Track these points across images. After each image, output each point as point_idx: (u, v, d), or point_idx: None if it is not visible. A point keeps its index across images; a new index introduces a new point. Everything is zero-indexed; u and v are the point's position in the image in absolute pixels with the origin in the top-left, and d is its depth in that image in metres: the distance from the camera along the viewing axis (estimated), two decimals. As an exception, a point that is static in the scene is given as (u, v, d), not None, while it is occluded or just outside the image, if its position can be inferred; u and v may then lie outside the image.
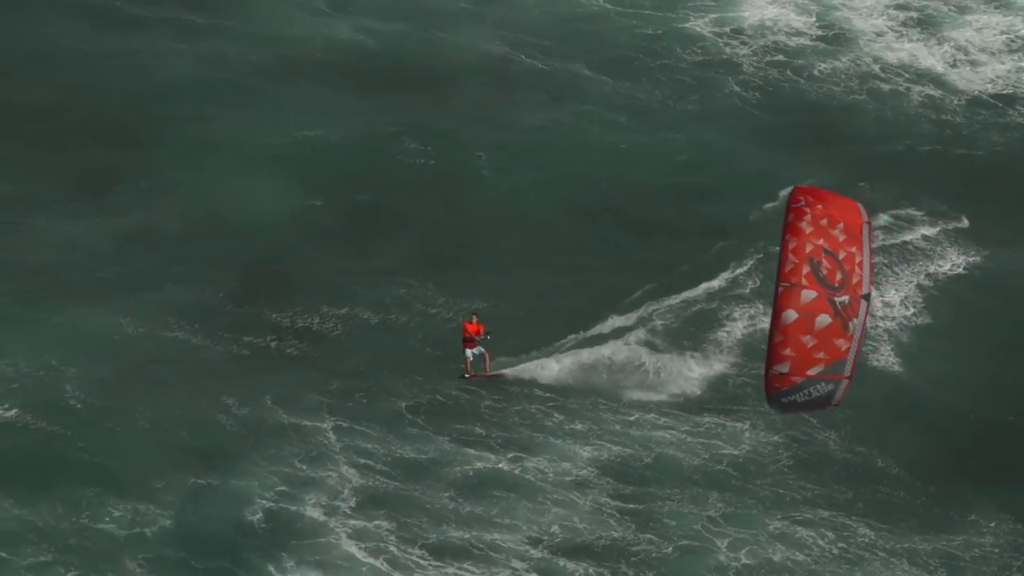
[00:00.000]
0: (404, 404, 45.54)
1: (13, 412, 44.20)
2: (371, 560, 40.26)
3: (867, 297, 32.61)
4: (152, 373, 46.21)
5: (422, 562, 40.45)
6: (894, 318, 49.92)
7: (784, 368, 32.22)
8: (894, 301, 50.39)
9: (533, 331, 47.73)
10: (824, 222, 32.80)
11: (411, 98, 58.96)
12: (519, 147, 56.82)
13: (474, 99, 59.40)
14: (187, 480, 42.44)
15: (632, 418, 45.48)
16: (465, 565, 40.59)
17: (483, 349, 46.09)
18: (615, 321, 48.85)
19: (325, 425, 44.59)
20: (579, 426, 45.20)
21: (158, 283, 49.56)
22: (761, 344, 42.76)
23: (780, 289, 32.31)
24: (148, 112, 56.69)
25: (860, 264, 32.75)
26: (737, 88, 61.11)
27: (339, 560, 39.96)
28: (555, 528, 41.96)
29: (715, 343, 48.19)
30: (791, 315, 32.18)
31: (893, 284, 51.28)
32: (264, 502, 41.93)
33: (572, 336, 48.31)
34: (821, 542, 42.21)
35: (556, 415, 45.63)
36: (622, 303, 49.78)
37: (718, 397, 46.50)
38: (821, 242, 32.58)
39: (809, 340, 32.22)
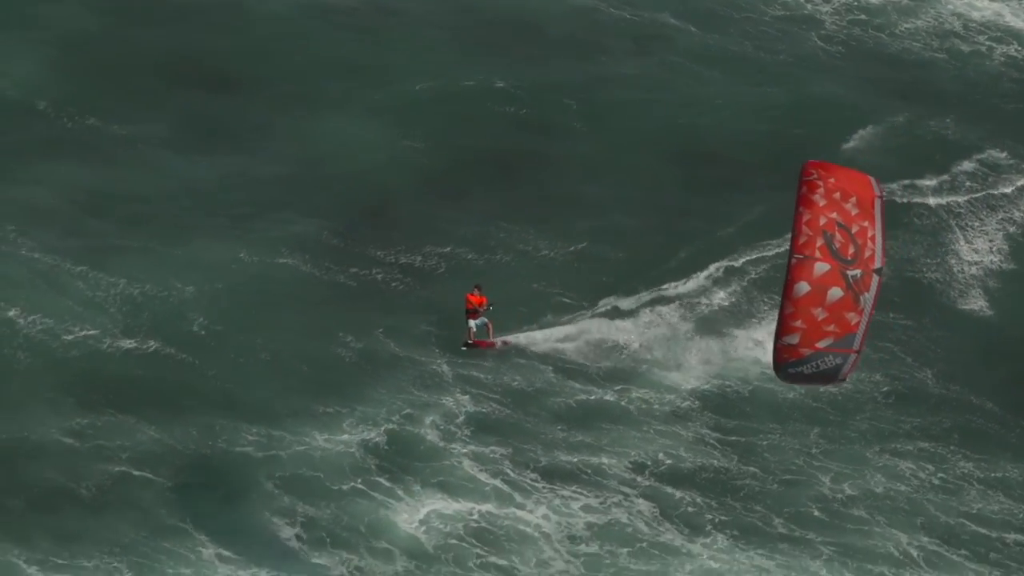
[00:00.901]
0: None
1: (144, 341, 45.93)
2: (492, 481, 41.88)
3: (879, 271, 32.62)
4: (269, 304, 47.89)
5: (536, 484, 42.03)
6: (982, 264, 51.27)
7: (794, 340, 32.32)
8: (982, 248, 51.73)
9: (639, 274, 49.25)
10: (837, 195, 32.82)
11: (503, 48, 60.23)
12: (609, 97, 58.10)
13: (564, 50, 60.61)
14: (312, 407, 44.13)
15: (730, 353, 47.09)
16: (576, 488, 42.15)
17: (486, 320, 46.20)
18: (711, 270, 50.23)
19: (435, 356, 46.23)
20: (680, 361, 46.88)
21: (268, 220, 51.01)
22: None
23: (793, 261, 32.31)
24: (254, 57, 58.05)
25: (873, 238, 32.77)
26: (820, 43, 62.17)
27: (462, 481, 41.64)
28: (660, 456, 43.48)
29: None
30: (803, 287, 32.22)
31: (980, 232, 52.62)
32: (387, 427, 43.66)
33: (672, 283, 49.86)
34: (921, 474, 43.69)
35: (655, 350, 47.22)
36: (717, 251, 51.24)
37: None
38: (834, 215, 32.62)
39: (820, 313, 32.28)
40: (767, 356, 46.19)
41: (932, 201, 53.11)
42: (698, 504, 42.13)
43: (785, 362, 32.45)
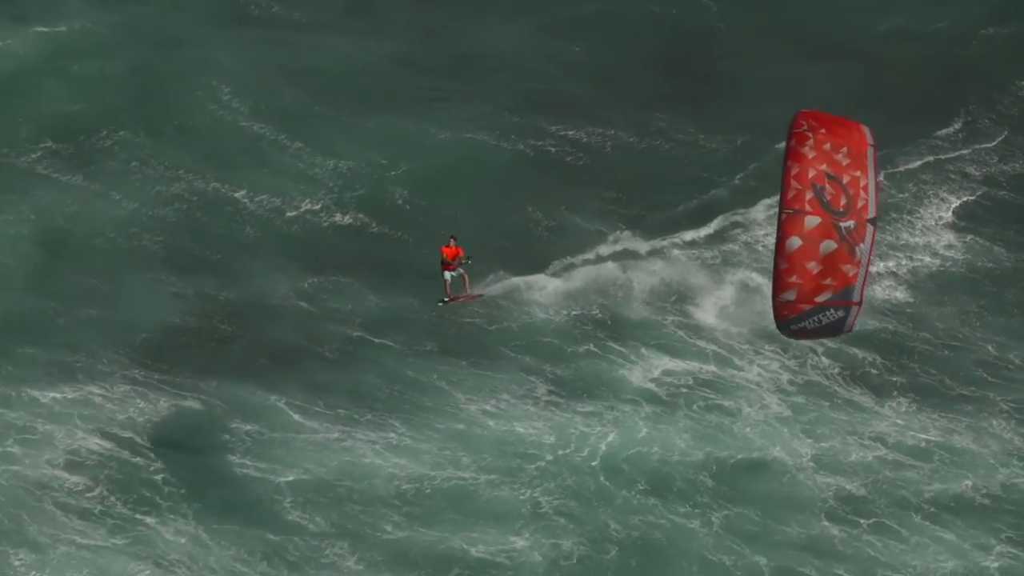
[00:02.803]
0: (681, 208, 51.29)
1: (356, 215, 49.90)
2: (708, 346, 45.71)
3: (873, 221, 32.17)
4: (462, 177, 51.70)
5: (744, 348, 46.22)
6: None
7: (791, 296, 31.95)
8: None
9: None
10: (827, 146, 32.24)
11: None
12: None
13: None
14: (520, 279, 47.93)
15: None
16: (775, 349, 45.95)
17: (462, 271, 46.52)
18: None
19: (621, 229, 50.06)
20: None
21: (447, 99, 54.68)
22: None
23: (783, 216, 31.87)
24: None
25: (865, 188, 32.19)
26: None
27: (682, 346, 45.91)
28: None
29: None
30: (795, 242, 31.83)
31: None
32: (599, 302, 47.18)
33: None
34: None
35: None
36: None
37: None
38: (824, 167, 32.03)
39: (815, 267, 31.89)
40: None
41: None
42: (879, 366, 46.01)
43: (786, 319, 32.21)
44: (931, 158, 53.56)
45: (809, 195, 31.85)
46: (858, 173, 32.25)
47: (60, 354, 43.25)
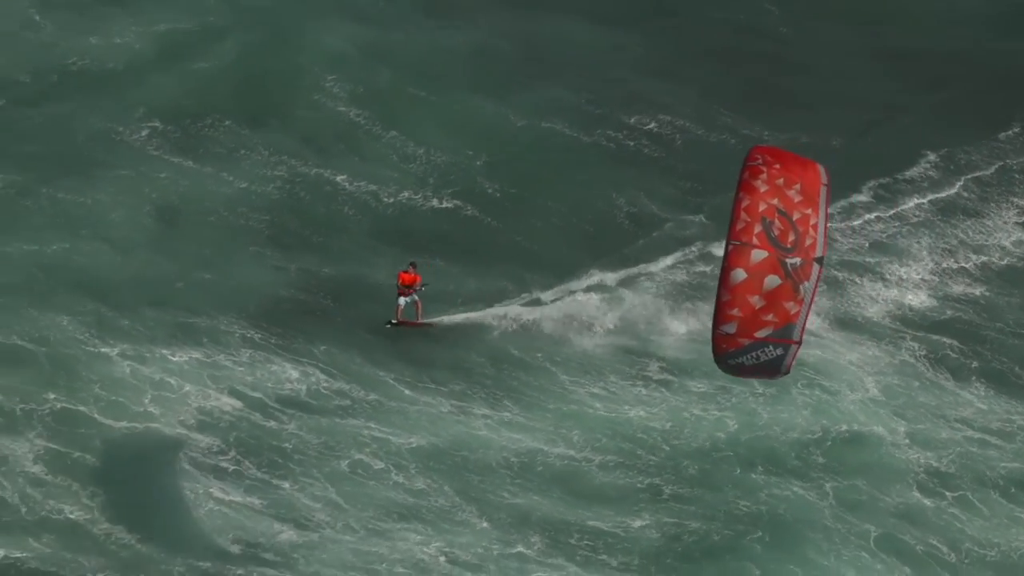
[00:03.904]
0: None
1: (450, 201, 51.67)
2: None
3: (820, 260, 31.91)
4: (542, 163, 53.57)
5: (832, 334, 48.49)
6: None
7: (731, 328, 31.62)
8: None
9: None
10: (780, 181, 31.94)
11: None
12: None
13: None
14: (599, 269, 49.52)
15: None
16: (865, 337, 48.15)
17: (416, 298, 46.66)
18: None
19: (691, 215, 52.19)
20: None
21: (522, 85, 56.49)
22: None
23: (730, 247, 31.56)
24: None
25: (815, 226, 31.86)
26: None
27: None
28: (921, 305, 49.67)
29: None
30: (740, 274, 31.48)
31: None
32: (672, 279, 49.43)
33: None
34: None
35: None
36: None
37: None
38: (775, 202, 31.75)
39: (757, 301, 31.55)
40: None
41: None
42: (957, 350, 48.05)
43: (724, 352, 31.87)
44: (998, 162, 55.69)
45: (758, 228, 31.63)
46: (809, 211, 32.02)
47: (182, 316, 44.74)
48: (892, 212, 53.41)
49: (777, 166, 32.04)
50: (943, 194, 54.10)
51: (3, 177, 48.70)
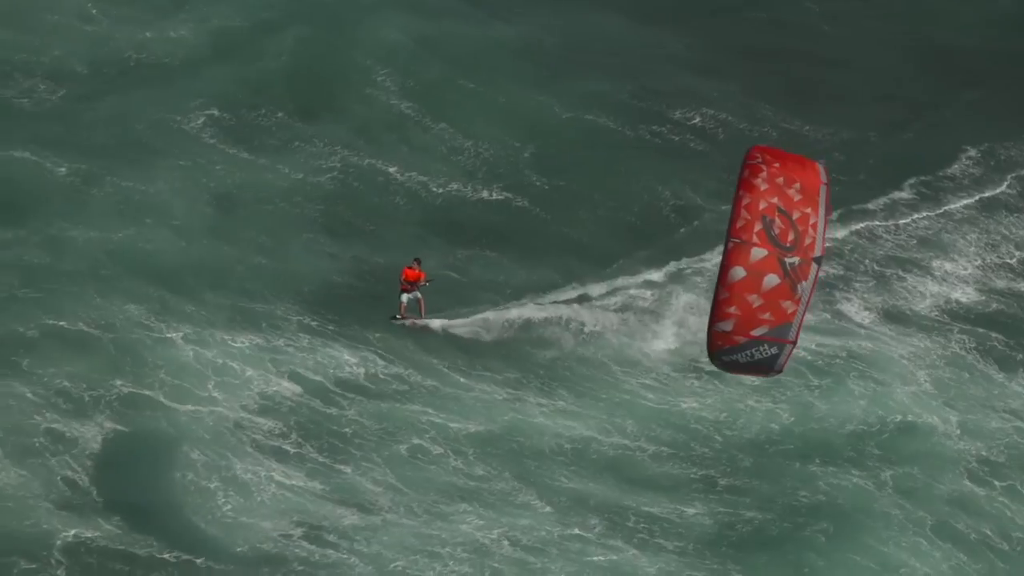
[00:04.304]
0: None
1: (494, 190, 52.29)
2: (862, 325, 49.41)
3: (819, 260, 31.85)
4: (590, 156, 54.30)
5: (883, 328, 49.23)
6: None
7: (727, 326, 31.62)
8: None
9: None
10: (780, 180, 31.82)
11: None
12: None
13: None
14: (646, 257, 50.55)
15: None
16: (912, 329, 48.96)
17: (419, 295, 46.24)
18: None
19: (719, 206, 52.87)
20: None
21: (564, 77, 57.25)
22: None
23: (729, 245, 31.49)
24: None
25: (814, 226, 31.78)
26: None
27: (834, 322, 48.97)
28: (966, 299, 50.46)
29: None
30: (739, 272, 31.40)
31: None
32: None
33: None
34: None
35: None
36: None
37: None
38: (775, 200, 31.61)
39: (755, 300, 31.47)
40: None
41: None
42: (1004, 343, 48.53)
43: (719, 349, 31.88)
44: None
45: (758, 227, 31.49)
46: (809, 210, 31.90)
47: (242, 301, 45.39)
48: (935, 208, 54.05)
49: (777, 165, 32.05)
50: (986, 191, 54.75)
51: (68, 166, 49.30)
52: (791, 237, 31.49)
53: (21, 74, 53.18)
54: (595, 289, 48.60)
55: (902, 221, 53.28)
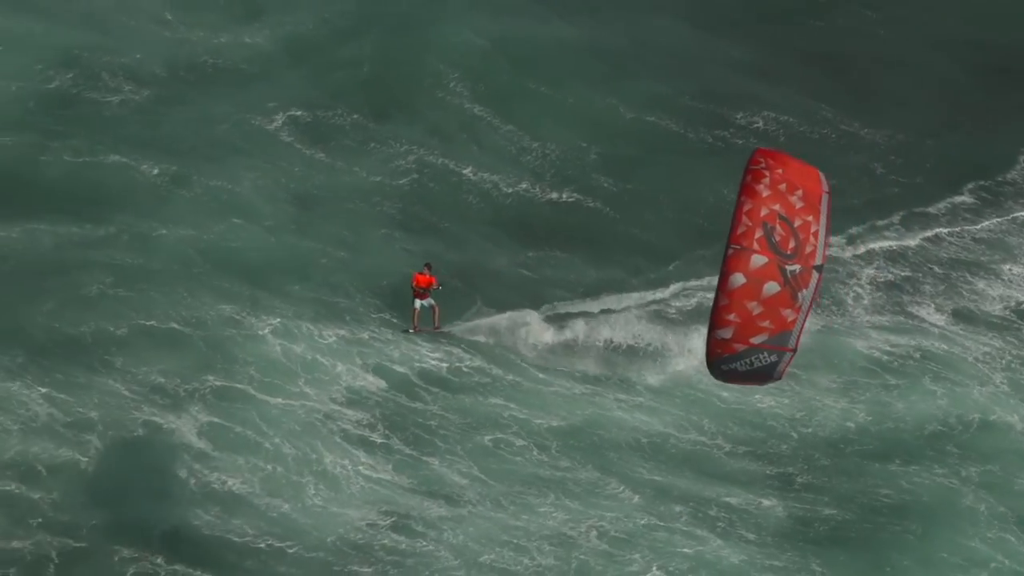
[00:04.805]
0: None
1: (562, 190, 53.41)
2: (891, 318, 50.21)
3: (819, 268, 31.34)
4: (654, 157, 55.45)
5: (931, 321, 50.08)
6: None
7: (727, 333, 31.05)
8: None
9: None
10: (783, 187, 31.28)
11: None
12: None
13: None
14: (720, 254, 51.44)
15: None
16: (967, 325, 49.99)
17: (433, 301, 46.09)
18: None
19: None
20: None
21: (627, 79, 58.44)
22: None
23: (730, 251, 30.94)
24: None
25: (816, 234, 31.30)
26: None
27: (863, 327, 50.03)
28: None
29: None
30: (739, 279, 30.88)
31: None
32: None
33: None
34: None
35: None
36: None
37: None
38: (777, 207, 31.10)
39: (755, 307, 30.93)
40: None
41: None
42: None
43: (718, 357, 31.33)
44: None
45: (759, 233, 30.96)
46: (810, 218, 31.37)
47: (324, 294, 46.64)
48: (997, 211, 54.85)
49: (780, 171, 31.56)
50: None
51: (156, 166, 50.63)
52: (792, 244, 31.13)
53: (108, 75, 54.50)
54: (664, 290, 49.52)
55: (961, 223, 54.11)
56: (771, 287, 30.84)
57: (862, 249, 52.04)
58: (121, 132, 51.76)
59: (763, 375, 31.57)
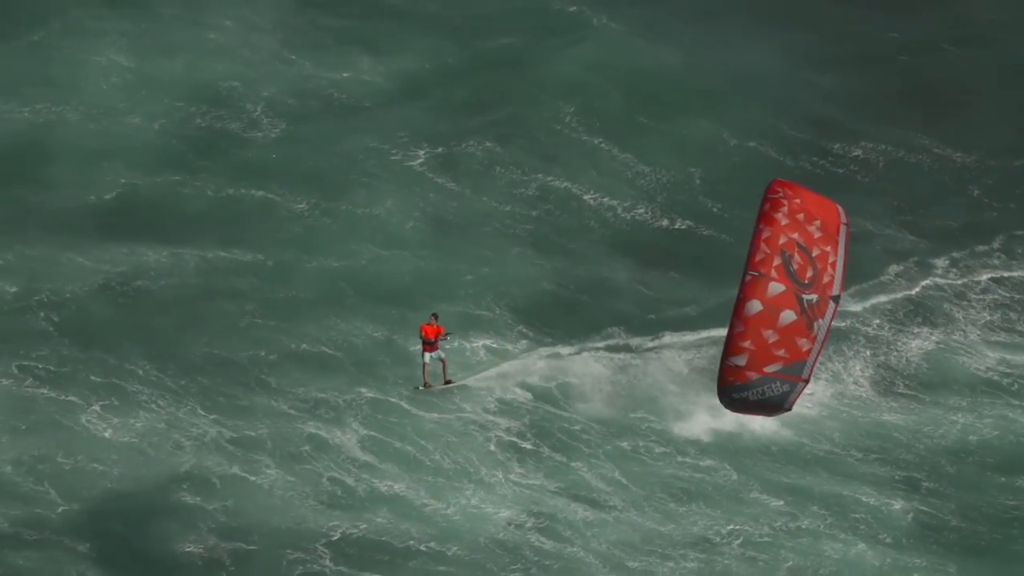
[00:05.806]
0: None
1: (674, 216, 55.62)
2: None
3: (836, 299, 31.30)
4: (756, 183, 54.83)
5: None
6: None
7: (741, 360, 30.95)
8: None
9: None
10: (801, 216, 31.46)
11: None
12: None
13: None
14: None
15: None
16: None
17: (442, 354, 45.25)
18: None
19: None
20: None
21: (731, 106, 60.69)
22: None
23: (747, 278, 30.93)
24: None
25: (833, 264, 31.34)
26: None
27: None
28: None
29: None
30: (755, 306, 30.85)
31: None
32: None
33: None
34: None
35: None
36: None
37: None
38: (796, 236, 31.17)
39: (771, 335, 30.87)
40: None
41: None
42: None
43: (730, 385, 31.21)
44: None
45: (777, 261, 30.91)
46: (828, 248, 31.40)
47: (468, 307, 49.51)
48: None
49: (798, 201, 31.66)
50: None
51: (296, 195, 54.05)
52: (810, 274, 31.05)
53: (246, 111, 57.73)
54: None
55: None
56: (787, 315, 30.84)
57: (967, 271, 53.86)
58: (263, 162, 55.13)
59: (773, 405, 31.59)
